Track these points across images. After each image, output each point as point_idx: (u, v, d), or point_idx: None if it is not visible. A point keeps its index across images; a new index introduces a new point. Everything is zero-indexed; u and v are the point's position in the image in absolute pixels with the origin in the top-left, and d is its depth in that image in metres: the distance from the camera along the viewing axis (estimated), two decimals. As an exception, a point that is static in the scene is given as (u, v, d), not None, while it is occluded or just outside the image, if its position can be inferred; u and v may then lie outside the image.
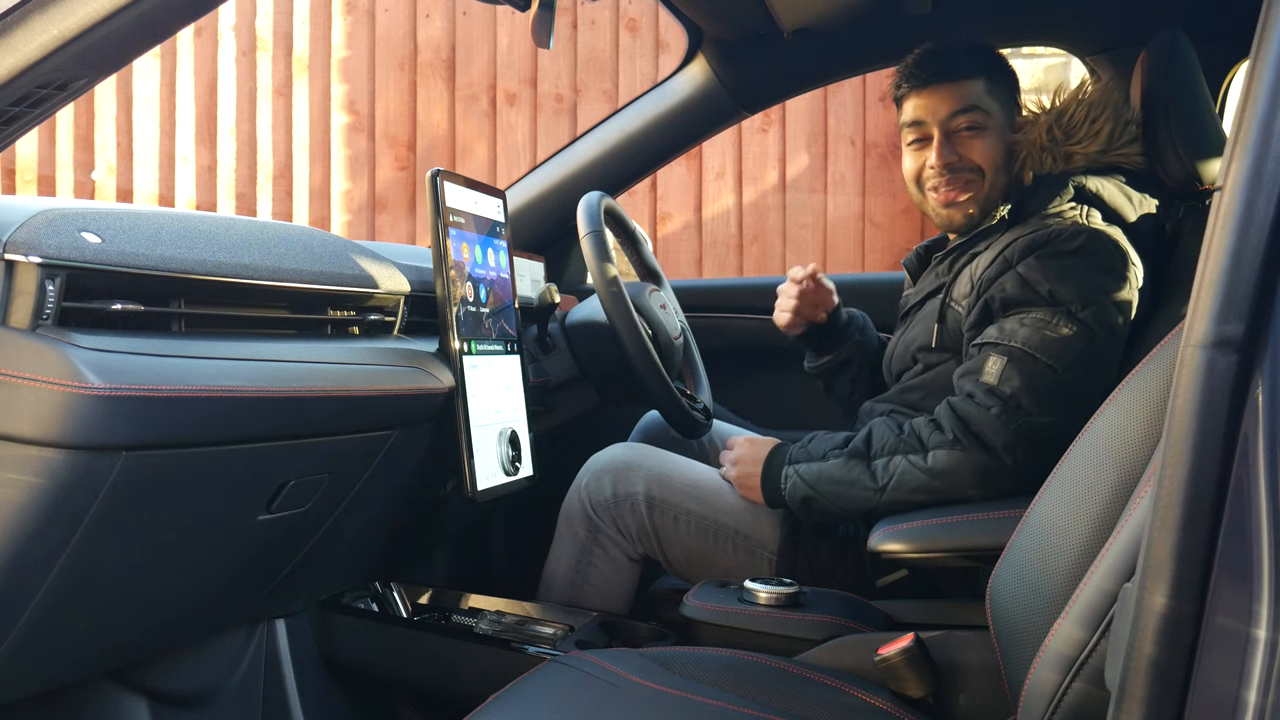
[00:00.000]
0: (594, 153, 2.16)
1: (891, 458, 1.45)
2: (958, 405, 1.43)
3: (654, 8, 3.94)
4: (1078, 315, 1.43)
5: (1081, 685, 0.85)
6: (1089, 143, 1.58)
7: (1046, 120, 1.60)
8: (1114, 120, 1.59)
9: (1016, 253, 1.49)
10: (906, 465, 1.43)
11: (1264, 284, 0.64)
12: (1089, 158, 1.58)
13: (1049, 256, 1.46)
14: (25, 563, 0.99)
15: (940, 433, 1.42)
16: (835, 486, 1.49)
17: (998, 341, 1.45)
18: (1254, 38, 0.68)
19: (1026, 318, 1.44)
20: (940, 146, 1.62)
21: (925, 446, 1.43)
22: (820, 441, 1.55)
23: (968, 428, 1.41)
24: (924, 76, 1.64)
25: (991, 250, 1.55)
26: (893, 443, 1.46)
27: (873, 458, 1.47)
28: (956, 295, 1.58)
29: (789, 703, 1.11)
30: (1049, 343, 1.41)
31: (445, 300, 1.36)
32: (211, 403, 1.05)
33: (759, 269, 3.97)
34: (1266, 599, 0.61)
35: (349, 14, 4.14)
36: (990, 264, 1.52)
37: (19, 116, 1.08)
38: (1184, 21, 1.66)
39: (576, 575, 1.68)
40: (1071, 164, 1.58)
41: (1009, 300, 1.47)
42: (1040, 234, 1.49)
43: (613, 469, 1.67)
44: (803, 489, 1.51)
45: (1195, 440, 0.65)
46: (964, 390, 1.45)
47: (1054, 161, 1.59)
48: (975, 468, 1.40)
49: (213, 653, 1.48)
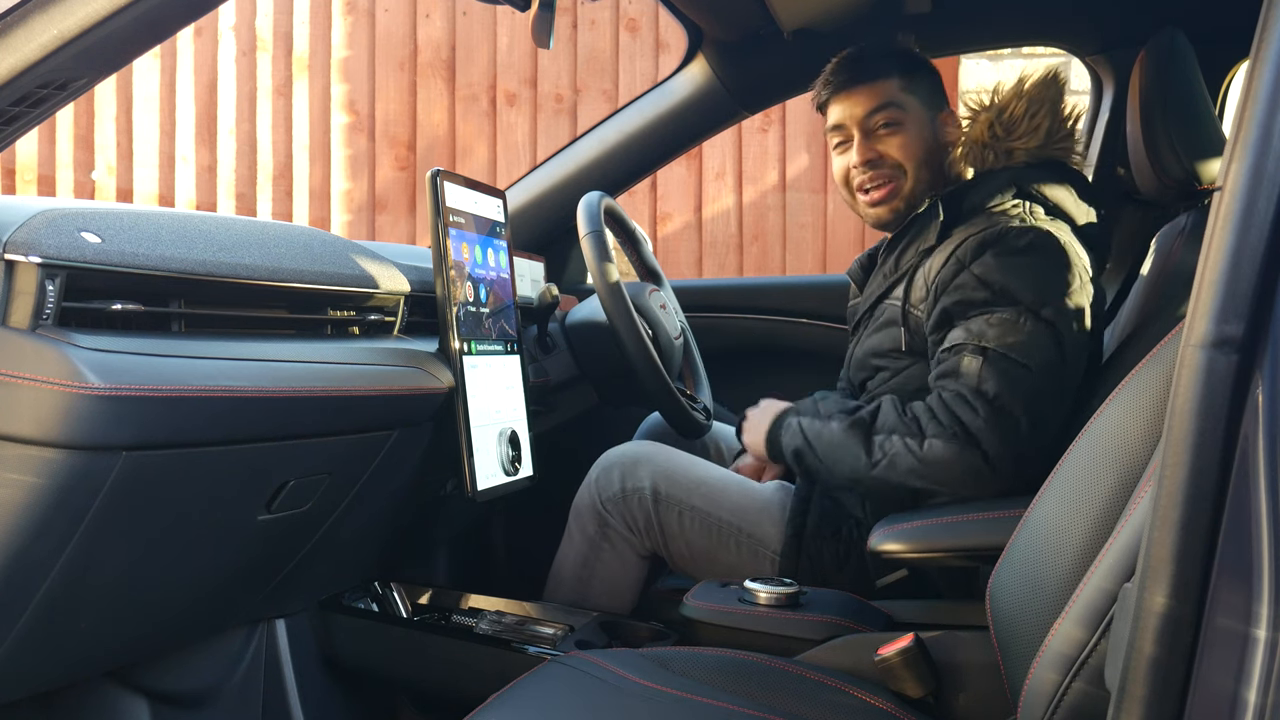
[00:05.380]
0: (594, 153, 2.16)
1: (890, 436, 1.46)
2: (951, 402, 1.44)
3: (654, 8, 3.94)
4: (1040, 314, 1.44)
5: (1081, 685, 0.85)
6: (1029, 138, 1.60)
7: (987, 117, 1.62)
8: (1052, 116, 1.60)
9: (969, 253, 1.50)
10: (903, 448, 1.44)
11: (1264, 284, 0.64)
12: (1030, 153, 1.60)
13: (1002, 254, 1.48)
14: (25, 563, 0.99)
15: (938, 424, 1.43)
16: (830, 449, 1.51)
17: (966, 343, 1.45)
18: (1254, 38, 0.68)
19: (992, 318, 1.45)
20: (860, 145, 1.66)
21: (924, 433, 1.43)
22: (831, 402, 1.57)
23: (965, 427, 1.41)
24: (840, 80, 1.69)
25: (943, 252, 1.55)
26: (895, 422, 1.47)
27: (874, 432, 1.48)
28: (915, 300, 1.58)
29: (789, 703, 1.11)
30: (1019, 343, 1.43)
31: (445, 300, 1.36)
32: (211, 403, 1.05)
33: (759, 269, 3.97)
34: (1266, 599, 0.61)
35: (349, 14, 4.14)
36: (944, 265, 1.52)
37: (19, 116, 1.08)
38: (1184, 21, 1.66)
39: (584, 571, 1.68)
40: (1013, 159, 1.60)
41: (970, 301, 1.47)
42: (990, 233, 1.50)
43: (622, 464, 1.68)
44: (799, 439, 1.54)
45: (1195, 440, 0.65)
46: (949, 390, 1.45)
47: (995, 158, 1.61)
48: (966, 466, 1.41)
49: (213, 653, 1.48)
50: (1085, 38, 2.02)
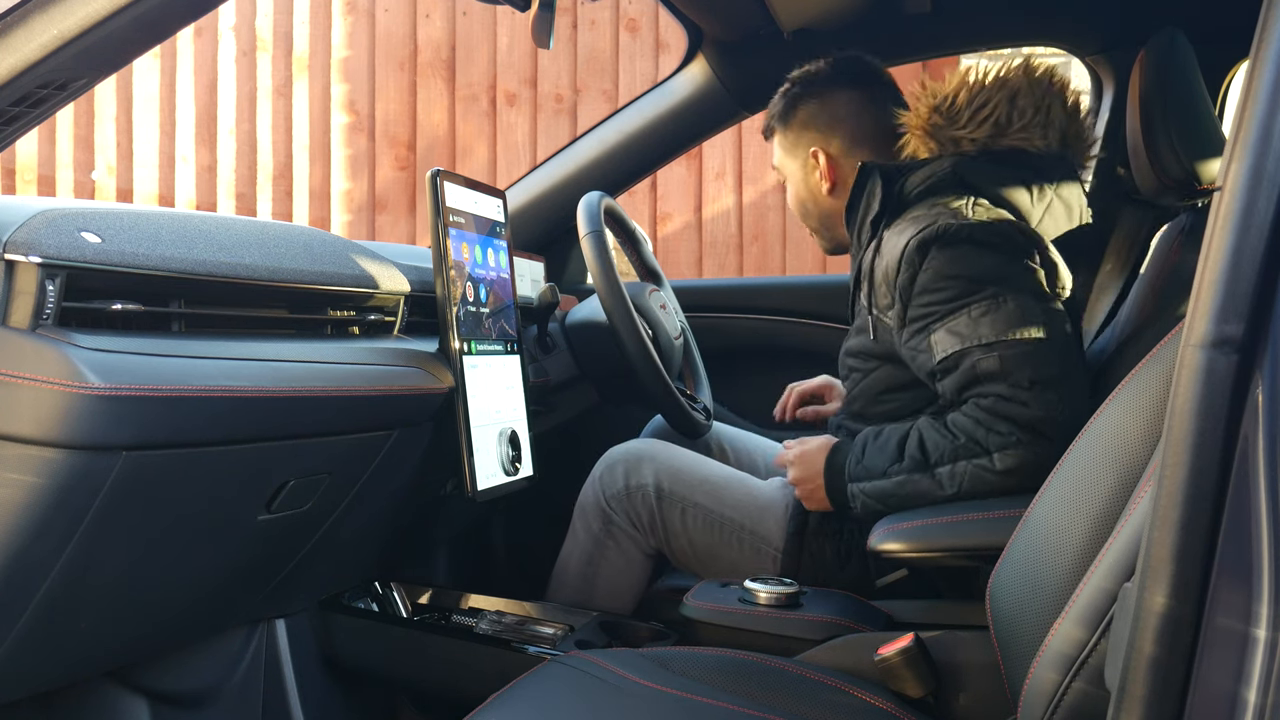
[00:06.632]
0: (594, 153, 2.16)
1: (955, 464, 1.42)
2: (997, 409, 1.40)
3: (654, 8, 3.94)
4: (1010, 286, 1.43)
5: (1081, 685, 0.85)
6: (974, 128, 1.57)
7: (929, 104, 1.60)
8: (1008, 106, 1.56)
9: (914, 255, 1.48)
10: (975, 470, 1.41)
11: (1264, 284, 0.64)
12: (979, 143, 1.57)
13: (946, 247, 1.46)
14: (25, 563, 0.99)
15: (999, 435, 1.40)
16: (904, 500, 1.46)
17: (966, 347, 1.43)
18: (1254, 38, 0.68)
19: (972, 311, 1.43)
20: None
21: (988, 449, 1.40)
22: (874, 454, 1.51)
23: (1025, 425, 1.38)
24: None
25: (889, 250, 1.53)
26: (951, 449, 1.43)
27: (934, 466, 1.44)
28: (881, 305, 1.56)
29: (789, 703, 1.11)
30: (1013, 321, 1.41)
31: (445, 300, 1.36)
32: (211, 403, 1.05)
33: (759, 269, 3.97)
34: (1266, 599, 0.61)
35: (349, 14, 4.14)
36: (897, 269, 1.50)
37: (19, 116, 1.08)
38: (1183, 21, 1.66)
39: (589, 569, 1.68)
40: (960, 148, 1.58)
41: (939, 301, 1.46)
42: (929, 230, 1.47)
43: (626, 461, 1.68)
44: (875, 506, 1.49)
45: (1195, 440, 0.65)
46: (986, 397, 1.42)
47: (940, 145, 1.59)
48: (1040, 456, 1.37)
49: (213, 653, 1.48)
50: (1085, 38, 2.02)
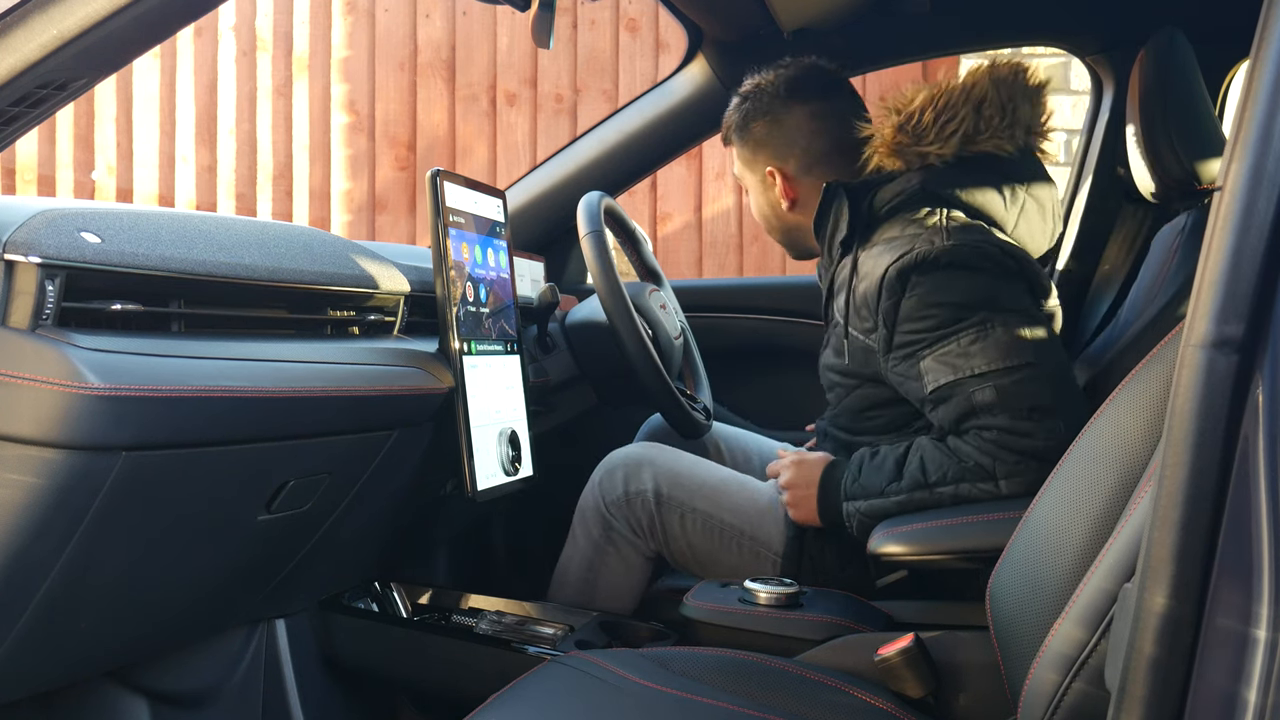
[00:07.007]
0: (594, 153, 2.16)
1: (959, 485, 1.42)
2: (1001, 441, 1.39)
3: (654, 8, 3.94)
4: (997, 311, 1.42)
5: (1081, 685, 0.85)
6: (940, 145, 1.54)
7: (893, 121, 1.57)
8: (974, 117, 1.54)
9: (894, 283, 1.46)
10: (979, 493, 1.41)
11: (1264, 284, 0.64)
12: (944, 159, 1.55)
13: (926, 274, 1.44)
14: (25, 563, 0.99)
15: (1005, 464, 1.39)
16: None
17: (960, 378, 1.41)
18: (1254, 38, 0.68)
19: (962, 340, 1.42)
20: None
21: (994, 475, 1.40)
22: (870, 474, 1.50)
23: (1029, 454, 1.38)
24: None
25: (867, 272, 1.51)
26: (955, 471, 1.42)
27: (934, 485, 1.43)
28: (861, 328, 1.54)
29: (789, 703, 1.11)
30: (1004, 349, 1.40)
31: (445, 300, 1.36)
32: (211, 403, 1.05)
33: (759, 269, 3.97)
34: (1266, 599, 0.61)
35: (349, 14, 4.14)
36: (879, 295, 1.48)
37: (19, 116, 1.08)
38: (1183, 21, 1.66)
39: (590, 574, 1.68)
40: (927, 162, 1.56)
41: (925, 329, 1.44)
42: (908, 258, 1.45)
43: (625, 465, 1.68)
44: (870, 525, 1.47)
45: (1195, 440, 0.65)
46: (988, 429, 1.41)
47: (907, 161, 1.57)
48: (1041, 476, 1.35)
49: (213, 653, 1.48)
50: (1085, 38, 2.02)
